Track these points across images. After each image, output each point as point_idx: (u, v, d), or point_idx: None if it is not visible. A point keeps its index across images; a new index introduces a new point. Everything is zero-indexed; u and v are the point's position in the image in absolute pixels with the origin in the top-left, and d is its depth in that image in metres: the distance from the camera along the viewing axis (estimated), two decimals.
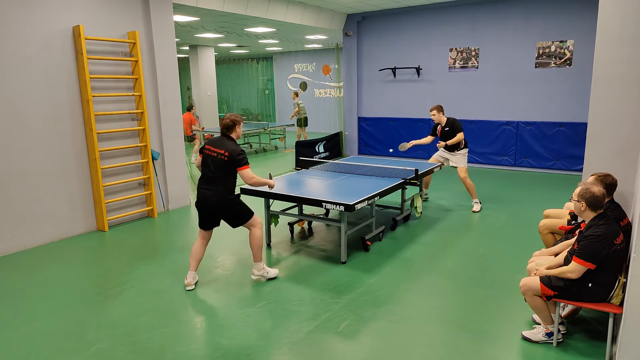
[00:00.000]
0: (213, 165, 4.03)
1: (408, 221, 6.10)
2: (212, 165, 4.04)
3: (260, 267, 4.31)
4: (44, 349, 3.27)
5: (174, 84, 6.76)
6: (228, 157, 3.96)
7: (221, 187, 4.03)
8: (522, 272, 4.20)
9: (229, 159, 3.96)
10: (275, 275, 4.38)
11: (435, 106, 6.71)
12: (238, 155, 3.95)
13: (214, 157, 4.03)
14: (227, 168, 3.99)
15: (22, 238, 5.25)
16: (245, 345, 3.25)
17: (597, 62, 3.81)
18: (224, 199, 4.04)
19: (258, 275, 4.32)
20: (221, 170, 4.01)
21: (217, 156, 4.01)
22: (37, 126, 5.28)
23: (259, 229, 4.23)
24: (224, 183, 4.04)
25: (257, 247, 4.24)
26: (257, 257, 4.28)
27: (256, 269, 4.31)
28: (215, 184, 4.03)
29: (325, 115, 16.83)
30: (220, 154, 3.99)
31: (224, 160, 3.98)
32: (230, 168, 4.00)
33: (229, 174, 4.04)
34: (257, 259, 4.29)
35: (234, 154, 3.95)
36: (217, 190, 4.02)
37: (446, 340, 3.29)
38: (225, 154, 3.97)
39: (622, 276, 2.95)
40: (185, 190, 7.12)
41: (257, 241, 4.23)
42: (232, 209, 4.11)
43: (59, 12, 5.37)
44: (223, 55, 18.74)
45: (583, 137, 7.36)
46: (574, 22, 8.40)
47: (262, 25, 10.13)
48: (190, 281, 4.21)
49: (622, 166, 3.70)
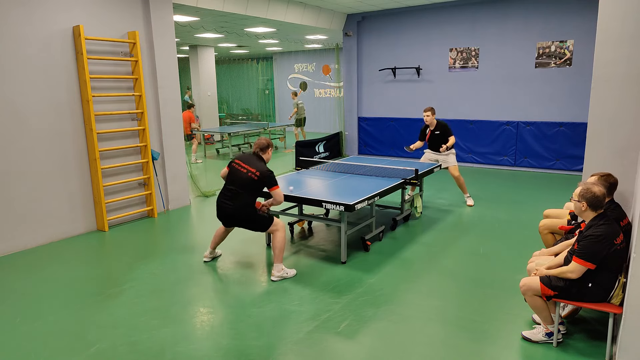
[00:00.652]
0: (239, 182, 4.20)
1: (408, 221, 6.10)
2: (238, 181, 4.20)
3: (280, 268, 4.32)
4: (44, 349, 3.27)
5: (174, 84, 6.75)
6: (258, 177, 4.16)
7: (242, 202, 4.21)
8: (522, 272, 4.20)
9: (259, 178, 4.16)
10: (294, 275, 4.39)
11: (430, 108, 6.79)
12: (269, 176, 4.17)
13: (243, 174, 4.19)
14: (254, 186, 4.20)
15: (22, 238, 5.25)
16: (245, 345, 3.25)
17: (597, 62, 3.81)
18: (244, 212, 4.23)
19: (278, 276, 4.31)
20: (247, 188, 4.19)
21: (247, 173, 4.20)
22: (37, 126, 5.28)
23: (281, 232, 4.34)
24: (246, 200, 4.21)
25: (278, 249, 4.31)
26: (278, 258, 4.32)
27: (275, 270, 4.32)
28: (238, 200, 4.20)
29: (325, 115, 16.83)
30: (251, 172, 4.18)
31: (253, 179, 4.16)
32: (257, 187, 4.22)
33: (253, 192, 4.24)
34: (277, 260, 4.33)
35: (265, 174, 4.16)
36: (238, 205, 4.21)
37: (446, 340, 3.29)
38: (256, 173, 4.16)
39: (622, 276, 2.95)
40: (185, 190, 7.12)
41: (279, 244, 4.31)
42: (253, 220, 4.28)
43: (59, 12, 5.37)
44: (223, 55, 18.74)
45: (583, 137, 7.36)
46: (574, 22, 8.40)
47: (262, 25, 10.13)
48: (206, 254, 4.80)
49: (622, 166, 3.70)
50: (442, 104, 10.13)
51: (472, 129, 9.80)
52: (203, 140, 12.82)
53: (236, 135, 12.36)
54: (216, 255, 4.90)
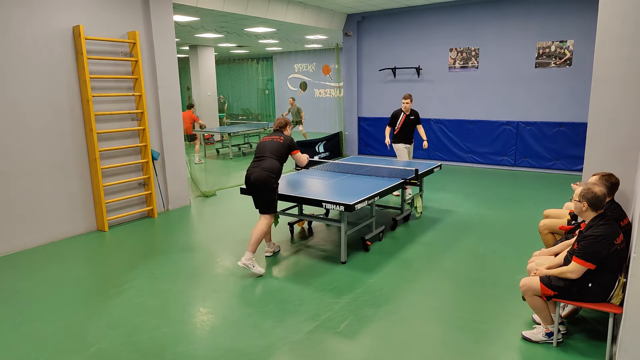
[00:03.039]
0: (268, 148, 4.54)
1: (408, 221, 6.10)
2: (266, 148, 4.55)
3: (250, 256, 4.37)
4: (44, 349, 3.27)
5: (174, 84, 6.75)
6: (283, 140, 4.60)
7: (268, 164, 4.42)
8: (522, 272, 4.20)
9: (284, 141, 4.60)
10: (259, 273, 4.40)
11: (409, 95, 7.02)
12: (292, 141, 4.68)
13: (269, 142, 4.60)
14: (279, 150, 4.54)
15: (22, 238, 5.25)
16: (245, 345, 3.25)
17: (597, 62, 3.81)
18: (269, 177, 4.38)
19: (245, 263, 4.35)
20: (274, 151, 4.51)
21: (272, 140, 4.61)
22: (37, 126, 5.28)
23: (269, 222, 4.49)
24: (272, 163, 4.44)
25: (257, 237, 4.40)
26: (252, 246, 4.39)
27: (246, 258, 4.36)
28: (264, 162, 4.45)
29: (325, 115, 16.83)
30: (276, 139, 4.61)
31: (279, 142, 4.58)
32: (282, 151, 4.56)
33: (279, 157, 4.52)
34: (251, 248, 4.39)
35: (288, 139, 4.66)
36: (265, 166, 4.41)
37: (446, 340, 3.29)
38: (280, 139, 4.62)
39: (622, 276, 2.95)
40: (185, 190, 7.12)
41: (261, 233, 4.42)
42: (269, 189, 4.41)
43: (59, 12, 5.37)
44: (223, 55, 18.74)
45: (583, 137, 7.36)
46: (574, 22, 8.40)
47: (262, 25, 10.13)
48: (266, 249, 4.99)
49: (622, 166, 3.69)
50: (442, 104, 10.14)
51: (472, 129, 9.80)
52: (203, 140, 12.81)
53: (236, 135, 12.37)
54: (276, 249, 5.06)
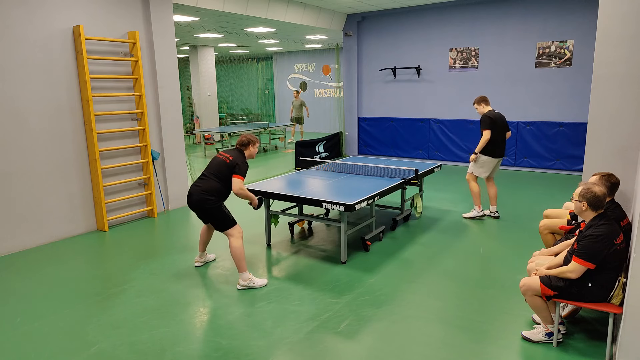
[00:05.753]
0: (213, 167, 4.25)
1: (408, 221, 6.10)
2: (212, 167, 4.26)
3: (246, 277, 4.15)
4: (44, 349, 3.27)
5: (174, 84, 6.75)
6: (230, 161, 4.18)
7: (207, 186, 4.14)
8: (522, 272, 4.20)
9: (230, 162, 4.17)
10: (262, 285, 4.20)
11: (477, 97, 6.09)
12: (238, 164, 4.15)
13: (217, 160, 4.29)
14: (222, 171, 4.17)
15: (22, 238, 5.25)
16: (245, 345, 3.25)
17: (597, 62, 3.81)
18: (203, 197, 4.10)
19: (244, 285, 4.14)
20: (218, 170, 4.19)
21: (222, 158, 4.26)
22: (37, 126, 5.28)
23: (237, 239, 4.14)
24: (211, 185, 4.15)
25: (237, 257, 4.12)
26: (240, 267, 4.14)
27: (241, 279, 4.16)
28: (205, 183, 4.18)
29: (325, 115, 16.83)
30: (226, 157, 4.24)
31: (226, 162, 4.20)
32: (226, 173, 4.16)
33: (220, 177, 4.17)
34: (240, 269, 4.15)
35: (236, 160, 4.17)
36: (203, 188, 4.14)
37: (446, 340, 3.29)
38: (230, 157, 4.21)
39: (622, 276, 2.95)
40: (185, 190, 7.11)
41: (236, 251, 4.11)
42: (209, 211, 4.14)
43: (59, 12, 5.37)
44: (223, 55, 18.73)
45: (583, 137, 7.36)
46: (574, 22, 8.40)
47: (262, 25, 10.12)
48: (196, 258, 4.76)
49: (622, 166, 3.70)
50: (442, 104, 10.14)
51: (472, 129, 9.79)
52: (203, 140, 12.82)
53: (236, 135, 12.37)
54: (208, 259, 4.79)
